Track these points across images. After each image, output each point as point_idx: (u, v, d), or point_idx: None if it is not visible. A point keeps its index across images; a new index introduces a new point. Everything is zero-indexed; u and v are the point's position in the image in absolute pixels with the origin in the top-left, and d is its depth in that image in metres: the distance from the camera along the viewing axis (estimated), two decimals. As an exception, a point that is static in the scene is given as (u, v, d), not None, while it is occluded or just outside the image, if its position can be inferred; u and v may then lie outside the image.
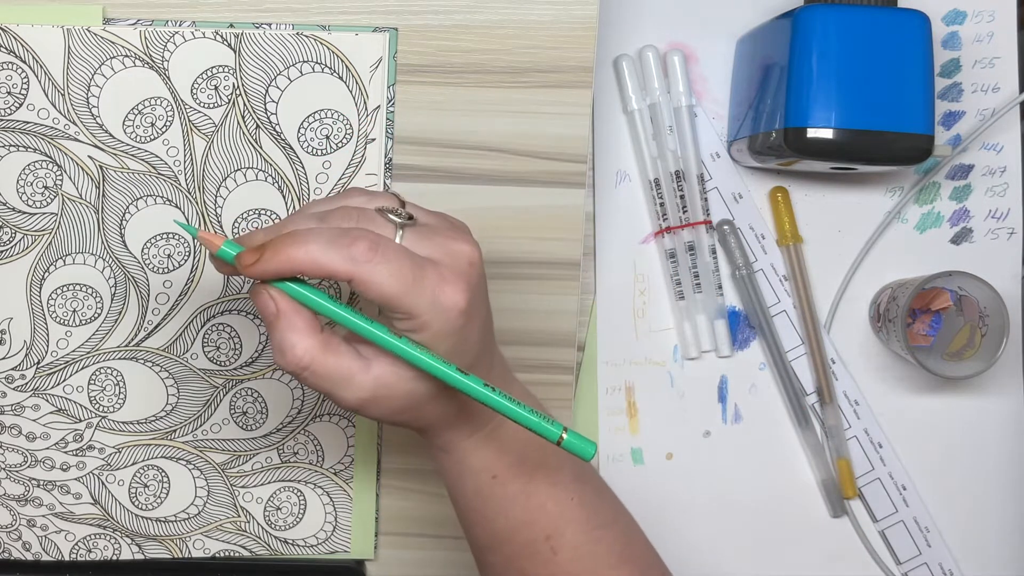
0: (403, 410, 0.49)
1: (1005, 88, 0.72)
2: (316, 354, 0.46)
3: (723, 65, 0.71)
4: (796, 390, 0.71)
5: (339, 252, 0.45)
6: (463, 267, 0.47)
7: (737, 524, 0.72)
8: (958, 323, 0.70)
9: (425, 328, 0.46)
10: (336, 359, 0.47)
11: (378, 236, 0.46)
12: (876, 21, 0.64)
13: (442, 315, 0.46)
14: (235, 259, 0.46)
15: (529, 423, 0.47)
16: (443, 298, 0.46)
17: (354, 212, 0.47)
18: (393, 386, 0.48)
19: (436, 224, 0.49)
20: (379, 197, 0.49)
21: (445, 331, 0.46)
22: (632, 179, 0.71)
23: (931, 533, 0.72)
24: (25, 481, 0.65)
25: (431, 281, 0.46)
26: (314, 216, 0.47)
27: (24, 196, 0.62)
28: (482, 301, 0.49)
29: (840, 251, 0.72)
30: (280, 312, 0.46)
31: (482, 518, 0.54)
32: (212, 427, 0.66)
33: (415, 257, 0.46)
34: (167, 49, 0.61)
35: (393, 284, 0.45)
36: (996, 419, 0.72)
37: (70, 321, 0.64)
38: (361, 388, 0.47)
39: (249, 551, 0.67)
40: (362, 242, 0.45)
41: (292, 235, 0.45)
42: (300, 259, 0.45)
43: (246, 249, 0.46)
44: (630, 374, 0.71)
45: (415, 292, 0.45)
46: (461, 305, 0.46)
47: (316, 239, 0.45)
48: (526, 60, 0.63)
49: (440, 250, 0.47)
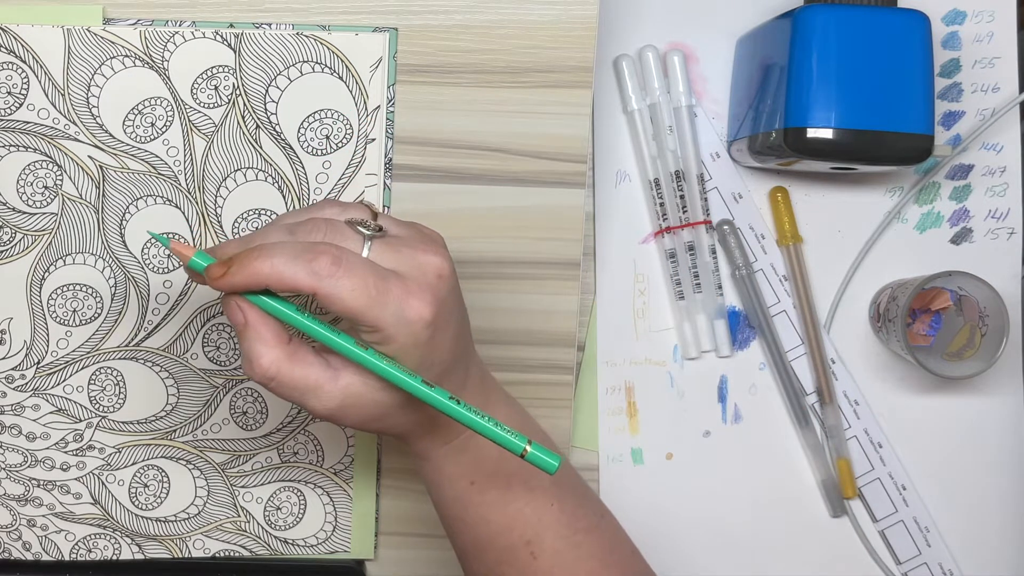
0: (373, 419, 0.49)
1: (1005, 88, 0.72)
2: (282, 365, 0.47)
3: (723, 65, 0.72)
4: (796, 390, 0.71)
5: (302, 266, 0.45)
6: (430, 280, 0.48)
7: (737, 524, 0.72)
8: (958, 323, 0.70)
9: (391, 341, 0.47)
10: (303, 369, 0.47)
11: (341, 250, 0.46)
12: (876, 21, 0.64)
13: (407, 328, 0.46)
14: (204, 271, 0.47)
15: (493, 436, 0.47)
16: (408, 311, 0.46)
17: (323, 224, 0.48)
18: (361, 396, 0.48)
19: (406, 236, 0.49)
20: (350, 208, 0.50)
21: (411, 344, 0.47)
22: (632, 179, 0.71)
23: (931, 533, 0.72)
24: (25, 481, 0.65)
25: (396, 294, 0.46)
26: (284, 228, 0.48)
27: (24, 196, 0.62)
28: (452, 313, 0.49)
29: (840, 251, 0.72)
30: (248, 323, 0.47)
31: (463, 525, 0.54)
32: (212, 427, 0.66)
33: (379, 270, 0.47)
34: (167, 49, 0.61)
35: (356, 298, 0.45)
36: (996, 419, 0.72)
37: (70, 321, 0.64)
38: (329, 398, 0.48)
39: (249, 551, 0.67)
40: (325, 256, 0.45)
41: (258, 249, 0.46)
42: (265, 273, 0.45)
43: (215, 262, 0.47)
44: (630, 374, 0.71)
45: (379, 305, 0.46)
46: (427, 318, 0.47)
47: (280, 253, 0.46)
48: (526, 60, 0.63)
49: (408, 262, 0.48)
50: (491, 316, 0.65)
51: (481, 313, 0.65)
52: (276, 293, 0.47)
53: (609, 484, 0.70)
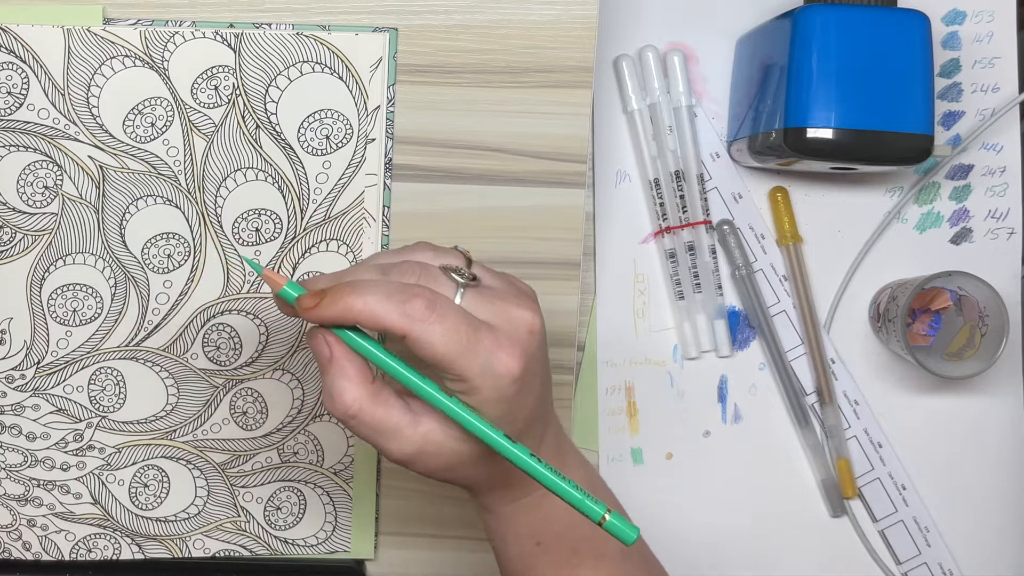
0: (448, 468, 0.48)
1: (1005, 88, 0.72)
2: (365, 403, 0.46)
3: (723, 65, 0.72)
4: (796, 390, 0.71)
5: (396, 307, 0.44)
6: (521, 334, 0.47)
7: (737, 524, 0.72)
8: (958, 323, 0.70)
9: (476, 392, 0.46)
10: (385, 411, 0.47)
11: (436, 295, 0.45)
12: (876, 21, 0.64)
13: (494, 381, 0.46)
14: (295, 301, 0.46)
15: (572, 500, 0.46)
16: (497, 364, 0.46)
17: (417, 267, 0.47)
18: (440, 444, 0.47)
19: (499, 287, 0.49)
20: (445, 254, 0.49)
21: (496, 397, 0.46)
22: (632, 179, 0.71)
23: (931, 533, 0.72)
24: (25, 481, 0.65)
25: (486, 346, 0.45)
26: (377, 268, 0.47)
27: (24, 196, 0.62)
28: (539, 370, 0.48)
29: (840, 251, 0.72)
30: (334, 358, 0.46)
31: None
32: (212, 427, 0.66)
33: (472, 320, 0.46)
34: (167, 49, 0.61)
35: (446, 345, 0.45)
36: (996, 419, 0.72)
37: (70, 321, 0.64)
38: (408, 442, 0.47)
39: (249, 551, 0.67)
40: (419, 300, 0.45)
41: (352, 285, 0.45)
42: (357, 309, 0.45)
43: (307, 293, 0.46)
44: (630, 374, 0.71)
45: (468, 355, 0.45)
46: (515, 373, 0.46)
47: (375, 291, 0.45)
48: (526, 60, 0.63)
49: (500, 315, 0.47)
50: (491, 316, 0.65)
51: (481, 313, 0.65)
52: (364, 331, 0.46)
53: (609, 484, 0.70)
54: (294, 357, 0.65)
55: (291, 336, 0.65)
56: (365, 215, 0.64)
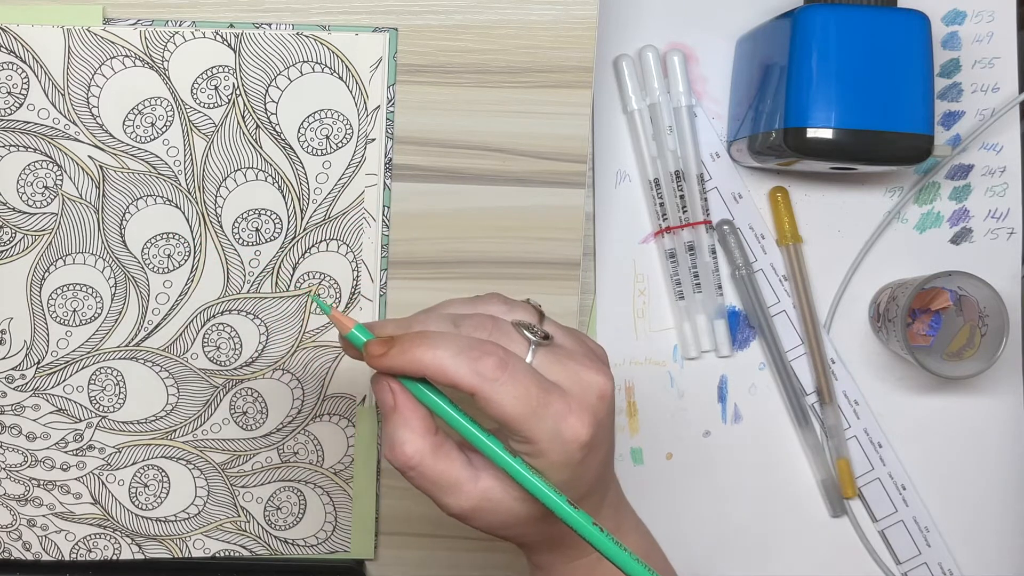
0: (505, 526, 0.48)
1: (1005, 88, 0.72)
2: (426, 456, 0.45)
3: (723, 65, 0.72)
4: (796, 390, 0.71)
5: (467, 364, 0.43)
6: (592, 399, 0.46)
7: (737, 524, 0.72)
8: (958, 323, 0.70)
9: (542, 455, 0.45)
10: (446, 464, 0.46)
11: (508, 354, 0.44)
12: (876, 21, 0.64)
13: (562, 446, 0.45)
14: (364, 347, 0.45)
15: (631, 570, 0.45)
16: (566, 429, 0.45)
17: (489, 321, 0.46)
18: (499, 502, 0.47)
19: (572, 347, 0.48)
20: (517, 308, 0.48)
21: (562, 462, 0.45)
22: (632, 179, 0.71)
23: (931, 533, 0.72)
24: (25, 481, 0.65)
25: (556, 409, 0.45)
26: (448, 318, 0.46)
27: (24, 196, 0.62)
28: (606, 436, 0.48)
29: (840, 251, 0.72)
30: (397, 407, 0.46)
31: None
32: (212, 427, 0.66)
33: (543, 381, 0.45)
34: (167, 49, 0.61)
35: (516, 407, 0.44)
36: (996, 419, 0.72)
37: (70, 321, 0.64)
38: (467, 498, 0.46)
39: (249, 551, 0.67)
40: (491, 358, 0.44)
41: (423, 336, 0.44)
42: (427, 363, 0.44)
43: (376, 339, 0.45)
44: (630, 374, 0.71)
45: (537, 418, 0.44)
46: (583, 439, 0.45)
47: (447, 346, 0.44)
48: (526, 60, 0.63)
49: (571, 378, 0.46)
50: (491, 316, 0.65)
51: (481, 313, 0.65)
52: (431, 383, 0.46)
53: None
54: (294, 357, 0.65)
55: (291, 336, 0.65)
56: (365, 215, 0.64)
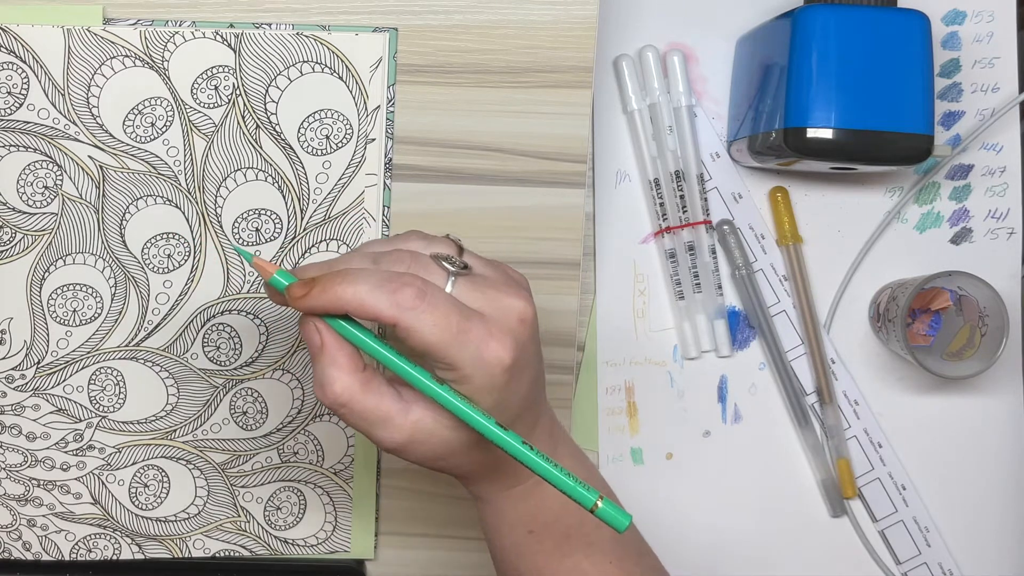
0: (440, 456, 0.48)
1: (1005, 88, 0.72)
2: (355, 392, 0.46)
3: (723, 65, 0.72)
4: (796, 390, 0.71)
5: (386, 296, 0.44)
6: (512, 323, 0.46)
7: (737, 524, 0.72)
8: (958, 323, 0.70)
9: (466, 381, 0.46)
10: (376, 399, 0.46)
11: (427, 284, 0.45)
12: (876, 21, 0.64)
13: (484, 370, 0.45)
14: (285, 290, 0.46)
15: (563, 487, 0.46)
16: (487, 353, 0.45)
17: (408, 256, 0.47)
18: (431, 432, 0.47)
19: (491, 276, 0.48)
20: (436, 242, 0.49)
21: (487, 386, 0.46)
22: (632, 179, 0.71)
23: (931, 533, 0.72)
24: (25, 481, 0.65)
25: (476, 335, 0.45)
26: (368, 256, 0.47)
27: (24, 196, 0.62)
28: (530, 359, 0.48)
29: (840, 251, 0.72)
30: (324, 346, 0.46)
31: (516, 573, 0.53)
32: (212, 427, 0.66)
33: (463, 309, 0.46)
34: (167, 49, 0.61)
35: (436, 334, 0.44)
36: (996, 419, 0.72)
37: (70, 321, 0.64)
38: (399, 431, 0.47)
39: (249, 551, 0.67)
40: (409, 288, 0.44)
41: (342, 274, 0.45)
42: (347, 298, 0.45)
43: (297, 282, 0.46)
44: (630, 374, 0.71)
45: (458, 344, 0.45)
46: (505, 362, 0.46)
47: (365, 280, 0.45)
48: (526, 60, 0.63)
49: (491, 304, 0.47)
50: (491, 316, 0.65)
51: (481, 313, 0.65)
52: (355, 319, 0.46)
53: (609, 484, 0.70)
54: (294, 357, 0.65)
55: (291, 336, 0.65)
56: (365, 215, 0.64)
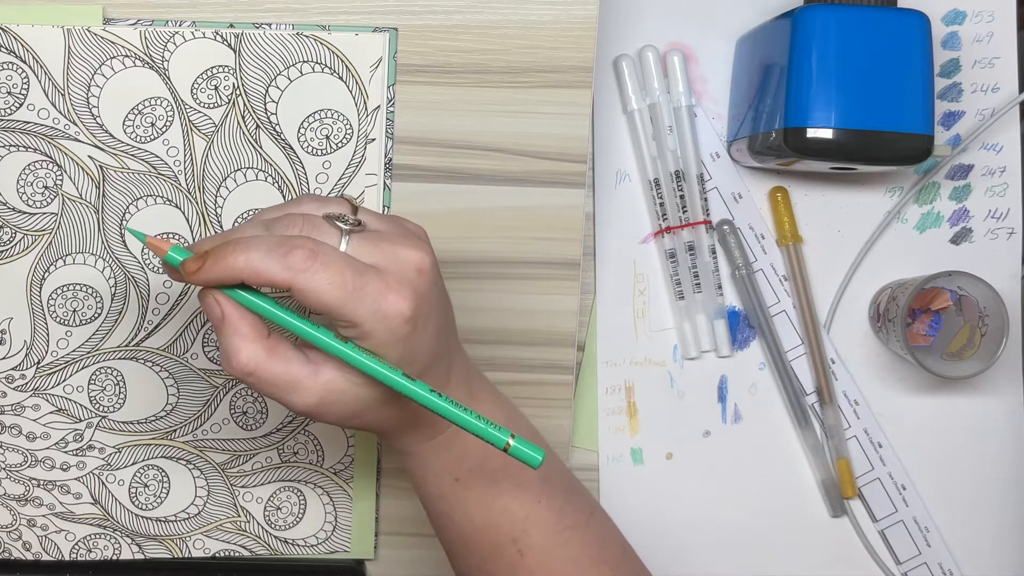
0: (355, 415, 0.49)
1: (1005, 88, 0.72)
2: (261, 360, 0.46)
3: (723, 65, 0.72)
4: (796, 390, 0.71)
5: (277, 260, 0.45)
6: (410, 274, 0.47)
7: (737, 524, 0.72)
8: (958, 323, 0.70)
9: (369, 336, 0.46)
10: (283, 365, 0.47)
11: (318, 244, 0.45)
12: (876, 21, 0.64)
13: (385, 323, 0.46)
14: (180, 266, 0.46)
15: (475, 429, 0.47)
16: (386, 306, 0.46)
17: (299, 219, 0.47)
18: (343, 392, 0.48)
19: (386, 230, 0.49)
20: (330, 203, 0.49)
21: (391, 339, 0.46)
22: (632, 179, 0.71)
23: (931, 533, 0.72)
24: (25, 481, 0.65)
25: (373, 289, 0.45)
26: (261, 223, 0.48)
27: (24, 196, 0.62)
28: (433, 308, 0.48)
29: (840, 251, 0.72)
30: (225, 317, 0.47)
31: (449, 521, 0.54)
32: (212, 427, 0.66)
33: (357, 264, 0.46)
34: (167, 49, 0.61)
35: (332, 292, 0.45)
36: (996, 419, 0.72)
37: (70, 321, 0.64)
38: (309, 393, 0.47)
39: (249, 551, 0.67)
40: (300, 251, 0.45)
41: (234, 243, 0.46)
42: (239, 267, 0.45)
43: (191, 257, 0.46)
44: (630, 374, 0.71)
45: (355, 300, 0.45)
46: (405, 314, 0.46)
47: (255, 247, 0.45)
48: (526, 60, 0.63)
49: (387, 257, 0.47)
50: (491, 316, 0.65)
51: (482, 313, 0.65)
52: (253, 287, 0.47)
53: (609, 484, 0.70)
54: (294, 357, 0.65)
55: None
56: (365, 215, 0.64)
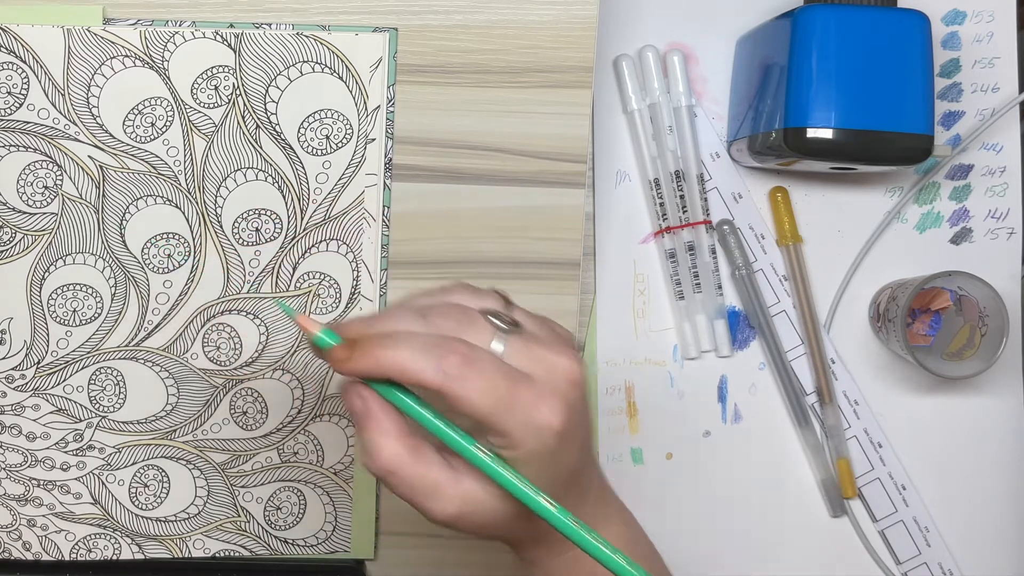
0: (491, 526, 0.47)
1: (1005, 88, 0.72)
2: (404, 460, 0.44)
3: (723, 65, 0.72)
4: (796, 390, 0.71)
5: (430, 363, 0.43)
6: (562, 386, 0.45)
7: (737, 524, 0.72)
8: (958, 323, 0.70)
9: (517, 447, 0.44)
10: (425, 468, 0.45)
11: (472, 348, 0.44)
12: (876, 21, 0.64)
13: (535, 435, 0.44)
14: (327, 352, 0.44)
15: (612, 565, 0.45)
16: (537, 418, 0.44)
17: (455, 311, 0.45)
18: (481, 503, 0.46)
19: (540, 334, 0.47)
20: (484, 296, 0.47)
21: (538, 452, 0.45)
22: (632, 179, 0.71)
23: (931, 533, 0.72)
24: (25, 481, 0.65)
25: (525, 399, 0.44)
26: (414, 311, 0.45)
27: (24, 196, 0.62)
28: (581, 422, 0.47)
29: (840, 251, 0.72)
30: (369, 412, 0.45)
31: None
32: (212, 427, 0.66)
33: (511, 372, 0.44)
34: (167, 49, 0.61)
35: (484, 401, 0.43)
36: (996, 419, 0.72)
37: (70, 321, 0.64)
38: (449, 501, 0.45)
39: (249, 551, 0.67)
40: (455, 356, 0.43)
41: (385, 337, 0.44)
42: (389, 364, 0.43)
43: (339, 344, 0.44)
44: (630, 374, 0.71)
45: (507, 410, 0.44)
46: (556, 427, 0.44)
47: (409, 345, 0.43)
48: (526, 60, 0.63)
49: (540, 364, 0.45)
50: (491, 316, 0.65)
51: (481, 313, 0.65)
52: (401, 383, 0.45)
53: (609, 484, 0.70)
54: (294, 357, 0.65)
55: (291, 336, 0.65)
56: (365, 215, 0.64)
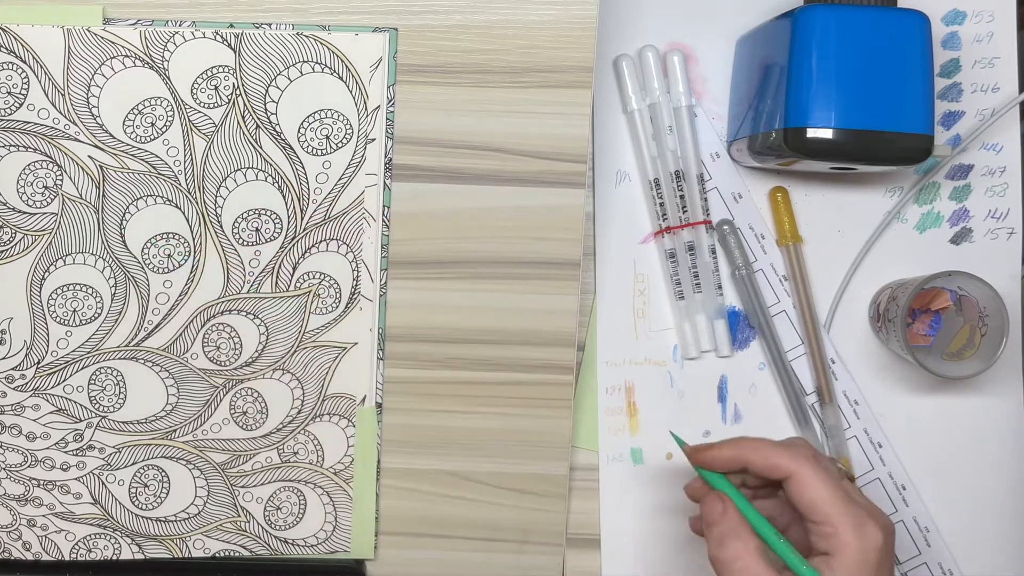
0: None
1: (1005, 88, 0.72)
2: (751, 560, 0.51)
3: (723, 65, 0.72)
4: (796, 390, 0.71)
5: (785, 450, 0.52)
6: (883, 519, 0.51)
7: (737, 524, 0.72)
8: (958, 323, 0.70)
9: (843, 549, 0.49)
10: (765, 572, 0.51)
11: (820, 453, 0.52)
12: (876, 21, 0.64)
13: (862, 543, 0.49)
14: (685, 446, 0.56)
15: None
16: (867, 527, 0.50)
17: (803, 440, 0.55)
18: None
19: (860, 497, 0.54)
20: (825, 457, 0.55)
21: (860, 561, 0.49)
22: (632, 179, 0.71)
23: (931, 533, 0.72)
24: (25, 481, 0.65)
25: (859, 508, 0.50)
26: None
27: (24, 196, 0.62)
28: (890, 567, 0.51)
29: (840, 251, 0.72)
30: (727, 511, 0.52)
31: None
32: (212, 427, 0.66)
33: (850, 486, 0.52)
34: (167, 49, 0.61)
35: (827, 488, 0.50)
36: (996, 419, 0.72)
37: (70, 321, 0.64)
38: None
39: (249, 551, 0.67)
40: (805, 448, 0.52)
41: (744, 437, 0.54)
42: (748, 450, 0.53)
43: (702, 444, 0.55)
44: (630, 374, 0.71)
45: (843, 507, 0.50)
46: (880, 544, 0.49)
47: (765, 439, 0.54)
48: (526, 60, 0.63)
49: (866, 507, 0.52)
50: (491, 316, 0.65)
51: (482, 313, 0.65)
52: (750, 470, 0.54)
53: (609, 484, 0.70)
54: (294, 357, 0.65)
55: (291, 336, 0.65)
56: (365, 215, 0.64)
